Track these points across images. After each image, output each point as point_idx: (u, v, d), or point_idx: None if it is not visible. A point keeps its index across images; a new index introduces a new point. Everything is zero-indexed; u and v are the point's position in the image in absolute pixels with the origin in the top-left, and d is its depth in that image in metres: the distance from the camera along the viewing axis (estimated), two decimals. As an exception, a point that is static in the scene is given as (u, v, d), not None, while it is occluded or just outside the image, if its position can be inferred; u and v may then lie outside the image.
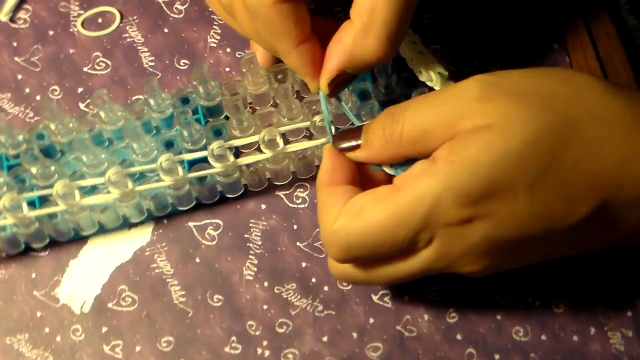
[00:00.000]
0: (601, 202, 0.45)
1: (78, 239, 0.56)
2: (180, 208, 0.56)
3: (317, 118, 0.54)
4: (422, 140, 0.46)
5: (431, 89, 0.54)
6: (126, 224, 0.56)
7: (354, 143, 0.50)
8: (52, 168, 0.54)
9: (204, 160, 0.54)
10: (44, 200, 0.54)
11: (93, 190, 0.54)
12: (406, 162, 0.48)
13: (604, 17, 0.63)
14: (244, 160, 0.54)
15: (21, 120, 0.60)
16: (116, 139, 0.57)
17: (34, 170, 0.53)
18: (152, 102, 0.56)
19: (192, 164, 0.54)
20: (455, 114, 0.45)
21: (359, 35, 0.48)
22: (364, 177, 0.51)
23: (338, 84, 0.51)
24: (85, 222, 0.54)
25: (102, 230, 0.56)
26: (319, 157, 0.56)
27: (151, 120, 0.57)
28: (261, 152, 0.54)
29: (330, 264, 0.50)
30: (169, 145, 0.56)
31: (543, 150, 0.44)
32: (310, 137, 0.56)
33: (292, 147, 0.54)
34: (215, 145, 0.53)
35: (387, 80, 0.56)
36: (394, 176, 0.49)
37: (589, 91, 0.45)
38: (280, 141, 0.53)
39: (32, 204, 0.53)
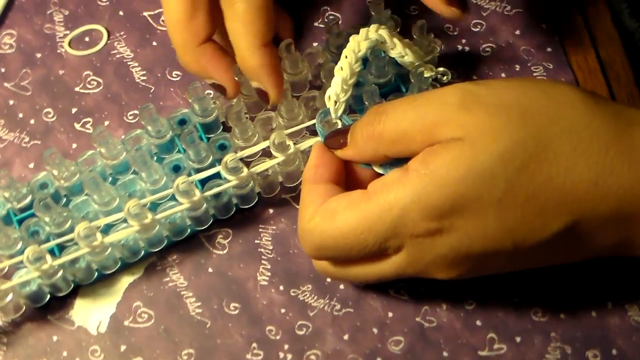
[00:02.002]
0: (575, 219, 0.45)
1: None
2: (198, 228, 0.55)
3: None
4: (401, 141, 0.47)
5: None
6: (147, 255, 0.56)
7: (341, 141, 0.50)
8: (65, 214, 0.53)
9: (215, 177, 0.54)
10: (61, 248, 0.53)
11: (108, 228, 0.53)
12: (395, 161, 0.48)
13: (604, 18, 0.63)
14: (258, 168, 0.53)
15: (17, 146, 0.60)
16: (118, 174, 0.56)
17: (47, 218, 0.53)
18: (150, 128, 0.56)
19: (203, 183, 0.54)
20: (433, 119, 0.46)
21: None
22: (351, 178, 0.51)
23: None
24: (108, 261, 0.54)
25: (125, 265, 0.55)
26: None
27: (151, 148, 0.57)
28: (269, 157, 0.54)
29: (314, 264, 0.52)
30: (176, 169, 0.55)
31: (513, 166, 0.44)
32: (315, 133, 0.55)
33: (304, 146, 0.54)
34: (228, 159, 0.52)
35: (379, 63, 0.56)
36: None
37: (569, 106, 0.45)
38: (290, 143, 0.53)
39: (51, 253, 0.52)
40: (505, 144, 0.44)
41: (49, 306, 0.55)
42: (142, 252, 0.55)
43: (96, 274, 0.55)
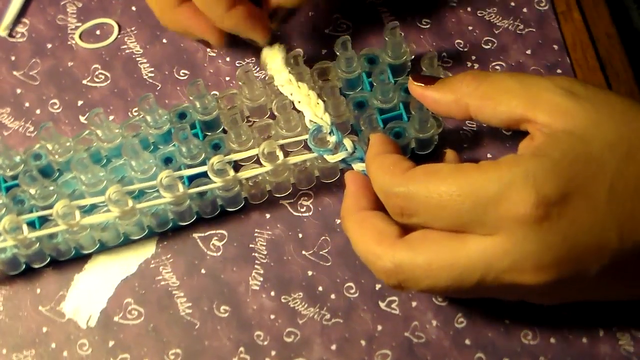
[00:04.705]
0: None
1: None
2: (181, 223, 0.55)
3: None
4: (495, 97, 0.47)
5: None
6: (127, 241, 0.56)
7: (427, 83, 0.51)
8: (51, 188, 0.54)
9: (204, 175, 0.53)
10: (43, 220, 0.54)
11: (93, 208, 0.54)
12: None
13: (603, 17, 0.62)
14: (244, 174, 0.53)
15: (21, 135, 0.60)
16: (113, 157, 0.56)
17: (32, 191, 0.53)
18: (149, 118, 0.56)
19: (192, 179, 0.54)
20: (540, 93, 0.46)
21: None
22: None
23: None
24: (85, 240, 0.54)
25: (103, 247, 0.56)
26: (319, 168, 0.56)
27: (148, 137, 0.57)
28: (261, 164, 0.53)
29: (376, 264, 0.47)
30: (167, 161, 0.55)
31: (620, 153, 0.44)
32: (309, 148, 0.55)
33: (293, 159, 0.54)
34: (215, 160, 0.52)
35: (384, 87, 0.55)
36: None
37: None
38: (280, 154, 0.53)
39: (31, 225, 0.53)
40: (613, 135, 0.44)
41: (41, 297, 0.55)
42: (122, 237, 0.55)
43: (73, 252, 0.55)
